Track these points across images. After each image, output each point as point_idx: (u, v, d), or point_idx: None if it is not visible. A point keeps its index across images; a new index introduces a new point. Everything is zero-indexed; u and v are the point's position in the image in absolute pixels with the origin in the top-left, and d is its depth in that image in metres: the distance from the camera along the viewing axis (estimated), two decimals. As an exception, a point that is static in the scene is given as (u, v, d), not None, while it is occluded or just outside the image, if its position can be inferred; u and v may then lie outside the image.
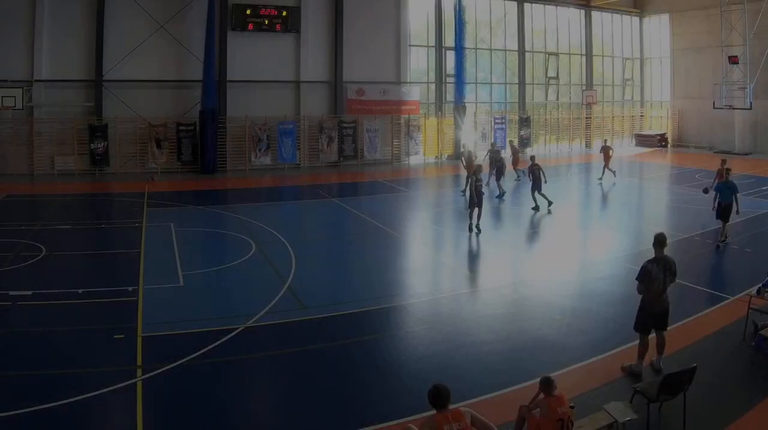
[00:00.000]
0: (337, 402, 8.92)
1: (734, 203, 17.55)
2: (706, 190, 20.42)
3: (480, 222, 18.96)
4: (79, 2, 30.44)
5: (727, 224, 17.73)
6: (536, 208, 22.07)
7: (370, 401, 8.99)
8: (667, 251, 9.86)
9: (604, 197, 27.14)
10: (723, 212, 17.67)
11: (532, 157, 23.50)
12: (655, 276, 9.49)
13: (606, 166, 29.72)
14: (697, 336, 11.06)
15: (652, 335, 9.81)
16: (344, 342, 10.98)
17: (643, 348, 9.69)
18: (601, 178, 29.33)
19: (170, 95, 32.34)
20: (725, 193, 17.72)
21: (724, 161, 20.66)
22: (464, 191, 24.31)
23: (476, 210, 18.89)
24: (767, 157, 38.73)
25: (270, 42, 33.81)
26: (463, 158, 27.10)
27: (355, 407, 8.79)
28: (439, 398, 6.25)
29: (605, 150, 30.09)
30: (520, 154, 31.54)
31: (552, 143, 43.29)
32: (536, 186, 22.27)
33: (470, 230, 18.93)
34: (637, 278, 9.68)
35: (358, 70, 35.91)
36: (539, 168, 22.38)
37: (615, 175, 29.69)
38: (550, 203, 21.65)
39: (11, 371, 9.55)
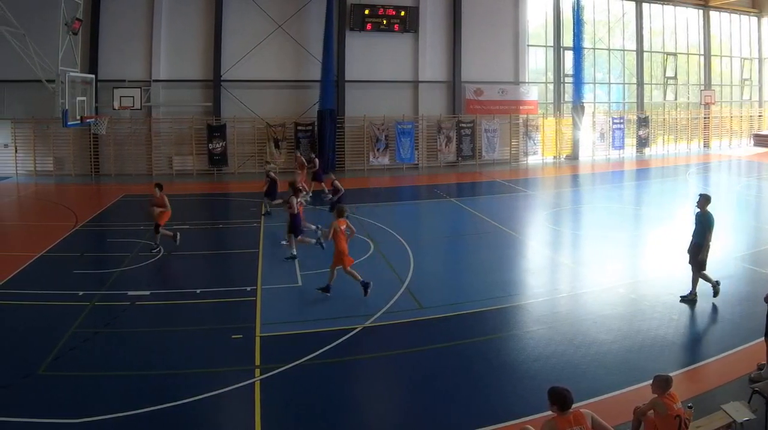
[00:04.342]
0: (454, 402, 7.80)
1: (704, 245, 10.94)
2: None
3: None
4: (197, 3, 27.25)
5: (703, 271, 11.11)
6: (268, 214, 18.55)
7: (487, 401, 7.88)
8: None
9: (719, 198, 23.53)
10: (692, 255, 11.16)
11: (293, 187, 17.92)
12: None
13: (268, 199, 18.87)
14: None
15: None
16: (462, 342, 9.69)
17: None
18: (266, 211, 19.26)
19: (288, 95, 28.57)
20: (696, 228, 11.12)
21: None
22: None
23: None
24: None
25: (388, 42, 29.49)
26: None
27: (472, 407, 7.67)
28: (561, 400, 5.36)
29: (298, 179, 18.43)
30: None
31: (670, 143, 37.33)
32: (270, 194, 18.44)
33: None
34: None
35: (476, 70, 31.14)
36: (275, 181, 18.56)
37: (267, 209, 18.98)
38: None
39: (130, 371, 8.63)
